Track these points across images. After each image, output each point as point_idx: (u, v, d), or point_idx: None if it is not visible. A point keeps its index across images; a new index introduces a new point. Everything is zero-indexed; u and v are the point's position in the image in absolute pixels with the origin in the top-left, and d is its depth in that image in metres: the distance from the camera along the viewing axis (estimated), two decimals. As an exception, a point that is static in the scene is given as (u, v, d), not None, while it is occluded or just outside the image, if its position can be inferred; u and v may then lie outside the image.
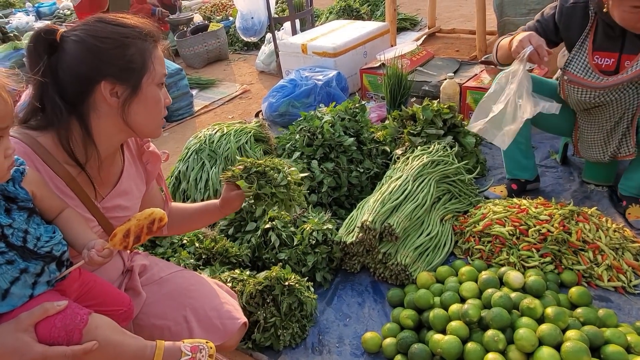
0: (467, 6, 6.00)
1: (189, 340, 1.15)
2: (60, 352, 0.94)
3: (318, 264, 1.88)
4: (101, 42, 1.05)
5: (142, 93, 1.11)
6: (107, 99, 1.08)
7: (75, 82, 1.06)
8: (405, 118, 2.52)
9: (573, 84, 1.90)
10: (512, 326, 1.46)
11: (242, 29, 4.50)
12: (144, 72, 1.10)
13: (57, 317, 0.95)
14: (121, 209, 1.26)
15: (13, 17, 7.30)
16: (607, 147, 1.99)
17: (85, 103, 1.09)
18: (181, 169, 2.42)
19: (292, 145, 2.43)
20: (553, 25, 1.92)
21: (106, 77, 1.06)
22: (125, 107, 1.10)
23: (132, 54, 1.08)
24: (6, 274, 0.93)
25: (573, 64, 1.89)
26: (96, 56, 1.05)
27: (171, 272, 1.42)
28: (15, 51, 4.70)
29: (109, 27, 1.07)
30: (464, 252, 1.95)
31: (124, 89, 1.09)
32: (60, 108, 1.06)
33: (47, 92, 1.06)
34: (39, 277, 0.98)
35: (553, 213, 1.85)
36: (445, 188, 2.13)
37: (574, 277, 1.71)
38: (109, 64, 1.06)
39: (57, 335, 0.95)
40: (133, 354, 1.06)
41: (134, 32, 1.09)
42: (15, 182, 0.96)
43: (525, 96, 1.80)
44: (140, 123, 1.14)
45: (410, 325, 1.59)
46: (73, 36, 1.06)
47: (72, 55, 1.05)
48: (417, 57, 3.55)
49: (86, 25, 1.07)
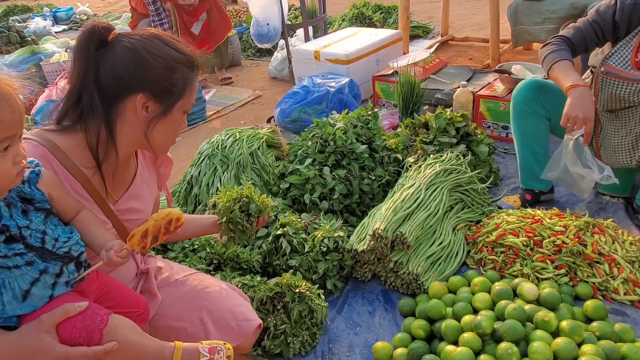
0: (480, 14, 5.98)
1: (206, 342, 1.17)
2: (81, 352, 0.95)
3: (329, 272, 1.87)
4: (153, 59, 1.09)
5: (170, 116, 1.16)
6: (137, 111, 1.11)
7: (113, 85, 1.09)
8: (417, 126, 2.51)
9: (610, 75, 1.85)
10: (526, 339, 1.44)
11: (256, 35, 4.52)
12: (179, 98, 1.15)
13: (77, 317, 0.97)
14: (134, 212, 1.27)
15: (31, 22, 7.42)
16: (636, 151, 1.94)
17: (115, 107, 1.11)
18: (193, 174, 2.43)
19: (304, 152, 2.43)
20: (612, 26, 1.85)
21: (145, 91, 1.10)
22: (152, 123, 1.14)
23: (176, 79, 1.13)
24: (26, 275, 0.95)
25: (615, 56, 1.84)
26: (144, 69, 1.09)
27: (186, 274, 1.44)
28: (32, 55, 4.79)
29: (165, 47, 1.12)
30: (477, 262, 1.93)
31: (156, 107, 1.13)
32: (96, 103, 1.09)
33: (88, 86, 1.08)
34: (58, 278, 0.99)
35: (568, 224, 1.82)
36: (458, 197, 2.12)
37: (589, 290, 1.68)
38: (153, 81, 1.10)
39: (78, 335, 0.96)
40: (152, 355, 1.07)
41: (184, 58, 1.14)
42: (31, 183, 0.97)
43: (581, 169, 1.82)
44: (158, 140, 1.18)
45: (422, 335, 1.57)
46: (127, 42, 1.09)
47: (120, 59, 1.08)
48: (429, 65, 3.54)
49: (143, 37, 1.11)
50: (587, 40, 1.91)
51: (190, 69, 1.17)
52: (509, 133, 2.66)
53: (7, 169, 0.89)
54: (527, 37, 3.98)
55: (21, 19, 7.47)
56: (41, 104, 3.60)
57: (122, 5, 9.29)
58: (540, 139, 2.11)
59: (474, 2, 6.71)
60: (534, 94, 2.06)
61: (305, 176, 2.26)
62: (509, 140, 2.68)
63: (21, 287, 0.94)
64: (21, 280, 0.94)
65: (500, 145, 2.80)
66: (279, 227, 1.97)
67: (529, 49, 4.33)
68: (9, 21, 6.55)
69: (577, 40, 1.92)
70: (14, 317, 0.97)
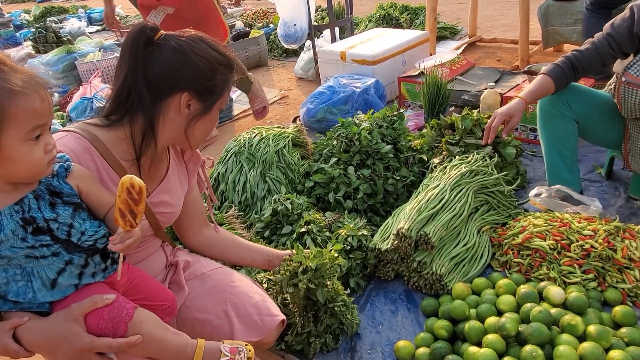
0: (509, 15, 5.89)
1: (228, 342, 1.19)
2: (106, 343, 0.99)
3: (352, 270, 1.88)
4: (199, 60, 1.16)
5: (209, 114, 1.24)
6: (181, 108, 1.18)
7: (161, 82, 1.15)
8: (443, 127, 2.50)
9: (631, 85, 1.82)
10: (552, 343, 1.42)
11: (284, 35, 4.57)
12: (218, 98, 1.23)
13: (105, 309, 1.00)
14: (166, 205, 1.31)
15: (66, 23, 7.68)
16: None
17: (161, 103, 1.17)
18: (220, 171, 2.48)
19: (329, 151, 2.45)
20: (629, 38, 1.84)
21: (190, 90, 1.17)
22: (193, 121, 1.21)
23: (217, 79, 1.20)
24: (53, 265, 0.99)
25: (635, 67, 1.81)
26: (190, 69, 1.15)
27: (212, 268, 1.47)
28: (67, 54, 4.95)
29: (209, 49, 1.19)
30: (502, 264, 1.91)
31: (198, 105, 1.20)
32: (146, 99, 1.15)
33: (138, 83, 1.14)
34: (84, 269, 1.03)
35: (597, 228, 1.79)
36: (484, 199, 2.10)
37: (618, 296, 1.64)
38: (198, 81, 1.17)
39: (104, 326, 1.00)
40: (174, 351, 1.10)
41: (225, 61, 1.22)
42: (60, 177, 1.01)
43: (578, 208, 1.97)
44: (194, 137, 1.25)
45: (445, 336, 1.57)
46: (174, 42, 1.15)
47: (168, 58, 1.14)
48: (457, 66, 3.51)
49: (189, 39, 1.18)
50: (602, 54, 1.91)
51: (229, 71, 1.24)
52: (537, 135, 2.62)
53: (39, 157, 0.93)
54: (558, 38, 3.90)
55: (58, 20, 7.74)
56: (76, 102, 3.73)
57: (153, 7, 9.49)
58: (567, 141, 2.07)
59: (503, 2, 6.60)
60: (562, 97, 2.03)
61: (330, 175, 2.28)
62: (537, 143, 2.64)
63: (49, 276, 0.99)
64: (48, 269, 0.99)
65: (528, 147, 2.76)
66: (303, 224, 1.99)
67: (560, 51, 4.24)
68: (46, 22, 6.79)
69: (588, 56, 1.93)
70: (46, 304, 1.01)
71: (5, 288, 0.98)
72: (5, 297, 0.99)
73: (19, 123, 0.88)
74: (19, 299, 0.98)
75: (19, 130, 0.88)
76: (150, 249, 1.38)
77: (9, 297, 0.98)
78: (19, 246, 0.94)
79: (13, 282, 0.98)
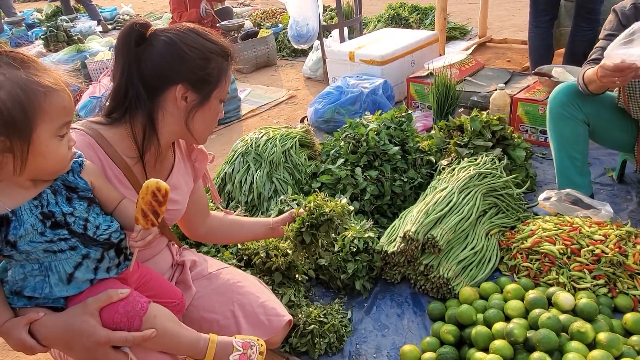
0: (520, 16, 5.83)
1: (240, 336, 1.20)
2: (121, 337, 1.00)
3: (358, 272, 1.87)
4: (190, 50, 1.15)
5: (208, 104, 1.22)
6: (177, 101, 1.17)
7: (155, 77, 1.15)
8: (452, 128, 2.48)
9: (638, 78, 1.80)
10: (561, 350, 1.39)
11: (295, 36, 4.54)
12: (216, 87, 1.21)
13: (120, 303, 1.02)
14: (172, 202, 1.32)
15: (77, 22, 7.74)
16: None
17: (158, 99, 1.17)
18: (227, 171, 2.47)
19: (337, 152, 2.44)
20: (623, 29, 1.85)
21: (184, 81, 1.16)
22: (191, 113, 1.20)
23: (212, 68, 1.19)
24: (70, 259, 1.00)
25: None
26: (181, 61, 1.15)
27: (219, 268, 1.47)
28: (78, 53, 5.00)
29: (200, 39, 1.18)
30: (510, 269, 1.88)
31: (195, 96, 1.19)
32: (142, 95, 1.15)
33: (133, 80, 1.15)
34: (99, 263, 1.05)
35: (608, 233, 1.76)
36: (492, 202, 2.07)
37: (629, 302, 1.61)
38: (190, 71, 1.16)
39: (119, 320, 1.01)
40: (187, 345, 1.11)
41: (218, 49, 1.21)
42: (74, 172, 1.03)
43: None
44: (197, 129, 1.24)
45: (451, 340, 1.55)
46: (165, 36, 1.15)
47: (160, 53, 1.14)
48: (466, 66, 3.48)
49: (179, 31, 1.17)
50: None
51: (225, 59, 1.23)
52: (547, 138, 2.59)
53: (64, 153, 0.96)
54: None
55: (69, 19, 7.80)
56: (85, 100, 3.75)
57: (163, 6, 9.56)
58: (577, 143, 2.04)
59: (514, 3, 6.54)
60: (572, 98, 2.00)
61: (337, 176, 2.26)
62: (547, 145, 2.60)
63: (66, 271, 1.00)
64: (65, 264, 1.00)
65: (538, 150, 2.72)
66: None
67: (571, 52, 4.19)
68: (57, 21, 6.85)
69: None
70: (61, 299, 1.02)
71: (22, 284, 1.00)
72: (20, 293, 1.00)
73: (52, 119, 0.91)
74: (35, 294, 1.00)
75: (51, 126, 0.92)
76: (156, 248, 1.38)
77: (25, 292, 1.00)
78: (38, 240, 0.96)
79: (30, 277, 0.99)
